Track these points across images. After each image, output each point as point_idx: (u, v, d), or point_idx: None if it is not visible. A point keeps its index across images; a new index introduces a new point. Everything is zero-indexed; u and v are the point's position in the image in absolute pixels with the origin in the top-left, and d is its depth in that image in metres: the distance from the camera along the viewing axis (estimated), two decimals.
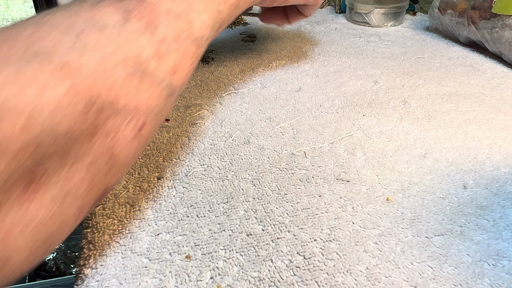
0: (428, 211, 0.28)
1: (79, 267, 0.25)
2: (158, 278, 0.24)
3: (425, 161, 0.33)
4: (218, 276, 0.24)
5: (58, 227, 0.18)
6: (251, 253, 0.26)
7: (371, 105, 0.42)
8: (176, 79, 0.23)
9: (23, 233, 0.17)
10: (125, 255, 0.26)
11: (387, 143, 0.36)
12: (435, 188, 0.30)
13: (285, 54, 0.55)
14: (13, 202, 0.16)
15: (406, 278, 0.24)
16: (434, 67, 0.51)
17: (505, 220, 0.27)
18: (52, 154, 0.17)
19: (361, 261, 0.25)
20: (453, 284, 0.23)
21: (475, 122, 0.38)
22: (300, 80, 0.48)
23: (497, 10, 0.49)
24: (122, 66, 0.20)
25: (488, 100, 0.42)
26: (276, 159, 0.34)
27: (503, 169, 0.32)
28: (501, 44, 0.50)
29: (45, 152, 0.17)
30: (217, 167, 0.33)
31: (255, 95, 0.44)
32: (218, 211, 0.29)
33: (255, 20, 0.70)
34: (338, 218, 0.28)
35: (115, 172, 0.21)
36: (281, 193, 0.30)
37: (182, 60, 0.23)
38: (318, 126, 0.39)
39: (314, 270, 0.24)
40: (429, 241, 0.26)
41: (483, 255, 0.25)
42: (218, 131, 0.38)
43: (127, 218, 0.28)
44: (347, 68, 0.51)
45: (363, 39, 0.61)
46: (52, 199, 0.18)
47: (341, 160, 0.34)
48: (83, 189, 0.19)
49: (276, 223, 0.28)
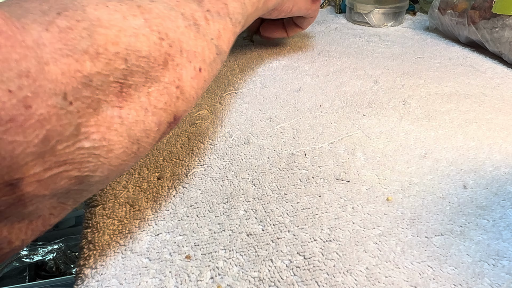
0: (428, 211, 0.28)
1: (79, 267, 0.25)
2: (158, 278, 0.24)
3: (425, 161, 0.33)
4: (218, 276, 0.24)
5: (143, 134, 0.22)
6: (251, 253, 0.26)
7: (371, 105, 0.42)
8: (221, 43, 0.28)
9: (119, 130, 0.20)
10: (125, 255, 0.26)
11: (387, 143, 0.36)
12: (435, 188, 0.30)
13: (285, 54, 0.55)
14: (110, 103, 0.20)
15: (406, 278, 0.24)
16: (434, 67, 0.51)
17: (505, 220, 0.27)
18: (136, 71, 0.21)
19: (361, 261, 0.25)
20: (453, 284, 0.23)
21: (475, 122, 0.38)
22: (300, 80, 0.48)
23: (497, 10, 0.49)
24: (182, 19, 0.24)
25: (488, 100, 0.42)
26: (276, 159, 0.34)
27: (503, 169, 0.32)
28: (501, 44, 0.50)
29: (130, 67, 0.21)
30: (217, 167, 0.33)
31: (255, 95, 0.44)
32: (218, 211, 0.29)
33: None
34: (338, 218, 0.28)
35: (182, 101, 0.24)
36: (281, 193, 0.30)
37: (223, 29, 0.28)
38: (318, 126, 0.39)
39: (314, 270, 0.24)
40: (429, 241, 0.26)
41: (483, 255, 0.25)
42: (218, 131, 0.38)
43: (127, 218, 0.28)
44: (347, 68, 0.51)
45: (363, 39, 0.61)
46: (137, 109, 0.21)
47: (341, 160, 0.34)
48: (160, 107, 0.23)
49: (276, 223, 0.28)
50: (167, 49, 0.23)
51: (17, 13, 0.17)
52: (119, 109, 0.20)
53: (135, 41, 0.21)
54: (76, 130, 0.18)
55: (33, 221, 0.19)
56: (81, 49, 0.18)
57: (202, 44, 0.26)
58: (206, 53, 0.26)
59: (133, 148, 0.21)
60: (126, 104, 0.21)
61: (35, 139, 0.16)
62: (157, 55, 0.22)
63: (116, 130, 0.20)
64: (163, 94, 0.23)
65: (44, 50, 0.17)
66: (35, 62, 0.16)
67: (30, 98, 0.16)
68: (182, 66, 0.24)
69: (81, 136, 0.18)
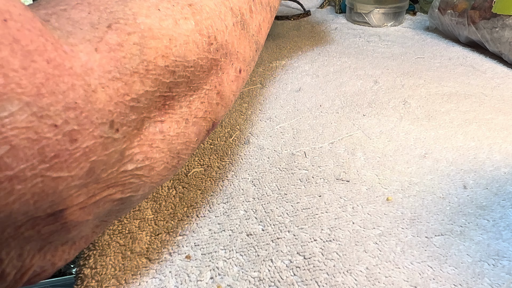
0: (428, 211, 0.28)
1: (79, 267, 0.25)
2: (158, 278, 0.24)
3: (425, 161, 0.33)
4: (218, 276, 0.24)
5: (183, 147, 0.21)
6: (251, 253, 0.26)
7: (371, 105, 0.42)
8: (260, 37, 0.27)
9: (160, 146, 0.19)
10: (125, 255, 0.26)
11: (387, 143, 0.36)
12: (435, 188, 0.30)
13: (285, 54, 0.55)
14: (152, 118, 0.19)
15: (406, 278, 0.24)
16: (434, 67, 0.51)
17: (505, 220, 0.27)
18: (180, 82, 0.20)
19: (361, 261, 0.25)
20: (453, 284, 0.23)
21: (475, 122, 0.38)
22: (300, 80, 0.48)
23: (497, 10, 0.49)
24: (231, 15, 0.23)
25: (488, 100, 0.42)
26: (276, 159, 0.34)
27: (503, 169, 0.32)
28: (501, 44, 0.50)
29: (176, 78, 0.19)
30: (217, 167, 0.33)
31: (255, 95, 0.44)
32: (218, 211, 0.29)
33: None
34: (338, 218, 0.28)
35: (221, 106, 0.23)
36: (281, 193, 0.30)
37: (263, 21, 0.27)
38: (318, 126, 0.39)
39: (314, 270, 0.24)
40: (429, 241, 0.26)
41: (483, 255, 0.25)
42: (218, 131, 0.38)
43: (127, 218, 0.28)
44: (347, 68, 0.51)
45: (363, 39, 0.61)
46: (178, 121, 0.20)
47: (341, 160, 0.34)
48: (200, 115, 0.22)
49: (276, 223, 0.28)
50: (214, 54, 0.22)
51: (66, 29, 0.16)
52: (161, 123, 0.19)
53: (184, 50, 0.19)
54: (121, 155, 0.17)
55: (76, 242, 0.19)
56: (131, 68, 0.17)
57: (245, 43, 0.25)
58: (247, 52, 0.25)
59: (173, 162, 0.21)
60: (167, 117, 0.20)
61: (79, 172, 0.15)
62: (204, 62, 0.21)
63: (158, 146, 0.19)
64: (204, 102, 0.22)
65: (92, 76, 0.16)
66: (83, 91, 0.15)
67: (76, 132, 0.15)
68: (224, 70, 0.23)
69: (125, 159, 0.18)
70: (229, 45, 0.23)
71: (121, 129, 0.17)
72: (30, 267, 0.17)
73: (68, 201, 0.16)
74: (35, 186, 0.14)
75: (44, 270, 0.18)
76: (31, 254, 0.17)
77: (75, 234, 0.18)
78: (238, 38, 0.24)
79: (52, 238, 0.17)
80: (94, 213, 0.17)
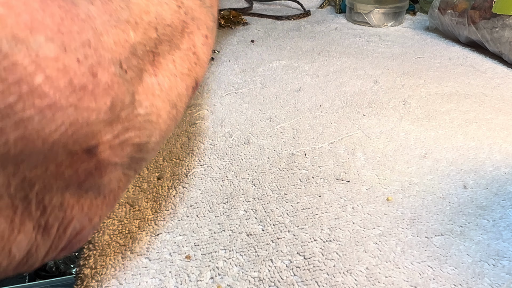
0: (428, 211, 0.28)
1: (79, 267, 0.25)
2: (158, 278, 0.24)
3: (425, 161, 0.33)
4: (218, 276, 0.24)
5: (178, 99, 0.24)
6: (251, 253, 0.26)
7: (371, 105, 0.42)
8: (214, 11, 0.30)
9: (161, 96, 0.22)
10: (125, 255, 0.26)
11: (387, 143, 0.36)
12: (435, 188, 0.30)
13: (285, 54, 0.55)
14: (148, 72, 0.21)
15: (406, 278, 0.24)
16: (434, 67, 0.51)
17: (505, 220, 0.27)
18: (163, 39, 0.23)
19: (361, 261, 0.25)
20: (453, 284, 0.23)
21: (475, 122, 0.38)
22: (300, 80, 0.48)
23: (497, 10, 0.49)
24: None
25: (488, 100, 0.42)
26: (276, 159, 0.34)
27: (503, 169, 0.32)
28: (501, 44, 0.50)
29: (160, 36, 0.22)
30: (217, 167, 0.33)
31: (255, 95, 0.44)
32: (218, 211, 0.29)
33: (255, 20, 0.70)
34: (338, 218, 0.28)
35: (199, 66, 0.26)
36: (281, 193, 0.30)
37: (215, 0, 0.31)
38: (318, 126, 0.39)
39: (314, 270, 0.24)
40: (429, 241, 0.26)
41: (483, 255, 0.25)
42: (218, 131, 0.38)
43: (127, 218, 0.28)
44: (347, 68, 0.51)
45: (363, 39, 0.61)
46: (168, 76, 0.23)
47: (341, 160, 0.34)
48: (185, 72, 0.25)
49: (276, 223, 0.28)
50: (183, 16, 0.25)
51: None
52: (155, 77, 0.22)
53: (161, 10, 0.22)
54: (132, 97, 0.20)
55: (107, 196, 0.21)
56: (123, 19, 0.20)
57: (204, 12, 0.28)
58: (208, 20, 0.28)
59: (173, 112, 0.23)
60: (159, 72, 0.22)
61: (104, 106, 0.17)
62: (177, 22, 0.24)
63: (159, 96, 0.22)
64: (185, 61, 0.25)
65: (96, 22, 0.18)
66: (92, 32, 0.17)
67: (95, 67, 0.17)
68: (194, 33, 0.26)
69: (137, 103, 0.20)
70: (193, 11, 0.26)
71: (129, 71, 0.20)
72: (71, 220, 0.20)
73: (98, 136, 0.18)
74: (71, 116, 0.16)
75: (83, 227, 0.20)
76: (71, 204, 0.19)
77: (106, 182, 0.20)
78: (199, 6, 0.27)
79: (88, 184, 0.19)
80: (120, 156, 0.20)
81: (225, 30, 0.65)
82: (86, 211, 0.20)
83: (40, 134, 0.15)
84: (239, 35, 0.63)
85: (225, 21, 0.67)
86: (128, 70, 0.20)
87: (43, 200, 0.18)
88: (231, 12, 0.69)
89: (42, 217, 0.18)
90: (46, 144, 0.16)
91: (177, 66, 0.24)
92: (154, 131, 0.22)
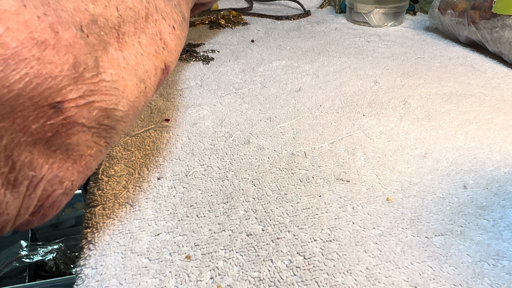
0: (428, 211, 0.28)
1: (79, 267, 0.25)
2: (158, 278, 0.24)
3: (425, 161, 0.33)
4: (218, 276, 0.24)
5: (146, 76, 0.25)
6: (251, 253, 0.26)
7: (371, 105, 0.42)
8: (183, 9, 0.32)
9: (127, 68, 0.23)
10: (125, 255, 0.26)
11: (387, 143, 0.36)
12: (435, 188, 0.30)
13: (285, 54, 0.55)
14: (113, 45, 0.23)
15: (406, 278, 0.24)
16: (434, 67, 0.51)
17: (505, 220, 0.27)
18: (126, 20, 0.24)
19: (361, 261, 0.25)
20: (453, 284, 0.23)
21: (475, 122, 0.38)
22: (300, 80, 0.48)
23: (497, 10, 0.49)
24: None
25: (488, 100, 0.42)
26: (276, 159, 0.34)
27: (503, 169, 0.32)
28: (501, 44, 0.50)
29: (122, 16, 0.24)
30: (217, 167, 0.33)
31: (255, 95, 0.44)
32: (218, 211, 0.29)
33: (255, 20, 0.70)
34: (338, 218, 0.28)
35: (168, 52, 0.28)
36: (281, 193, 0.30)
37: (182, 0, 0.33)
38: (318, 126, 0.39)
39: (314, 270, 0.24)
40: (429, 241, 0.26)
41: (483, 255, 0.25)
42: (218, 131, 0.38)
43: (127, 218, 0.28)
44: (347, 68, 0.51)
45: (363, 39, 0.61)
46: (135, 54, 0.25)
47: (341, 160, 0.34)
48: (152, 53, 0.26)
49: (276, 223, 0.28)
50: (146, 4, 0.27)
51: None
52: (121, 52, 0.23)
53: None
54: (96, 62, 0.21)
55: (77, 161, 0.22)
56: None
57: (170, 6, 0.30)
58: (175, 15, 0.30)
59: (142, 87, 0.25)
60: (124, 48, 0.24)
61: (66, 63, 0.18)
62: (139, 8, 0.26)
63: (125, 68, 0.23)
64: (151, 44, 0.27)
65: None
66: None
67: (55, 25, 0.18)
68: (160, 22, 0.28)
69: (101, 69, 0.21)
70: (157, 2, 0.28)
71: (90, 36, 0.21)
72: (41, 179, 0.20)
73: (63, 92, 0.19)
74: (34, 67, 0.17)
75: (54, 189, 0.21)
76: (40, 163, 0.20)
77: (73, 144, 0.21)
78: (163, 1, 0.29)
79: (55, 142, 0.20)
80: (86, 118, 0.20)
81: (225, 30, 0.65)
82: (56, 172, 0.21)
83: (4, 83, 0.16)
84: (239, 35, 0.63)
85: (225, 21, 0.67)
86: (89, 35, 0.21)
87: (12, 155, 0.19)
88: (231, 12, 0.69)
89: (11, 173, 0.19)
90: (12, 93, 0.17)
91: (143, 47, 0.26)
92: (121, 99, 0.22)
